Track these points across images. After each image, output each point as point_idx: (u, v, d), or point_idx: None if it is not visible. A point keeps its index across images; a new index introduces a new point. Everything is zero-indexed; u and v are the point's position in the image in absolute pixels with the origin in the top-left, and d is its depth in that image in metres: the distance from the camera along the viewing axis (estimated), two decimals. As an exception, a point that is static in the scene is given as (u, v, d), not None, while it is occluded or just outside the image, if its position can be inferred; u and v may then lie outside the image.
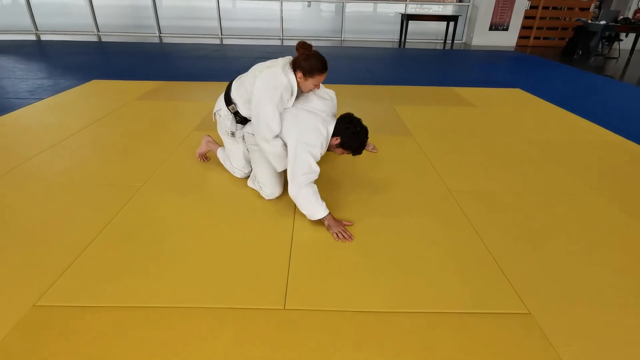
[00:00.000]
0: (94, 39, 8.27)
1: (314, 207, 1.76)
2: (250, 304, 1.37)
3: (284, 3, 8.75)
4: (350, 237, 1.73)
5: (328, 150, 1.90)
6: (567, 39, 8.13)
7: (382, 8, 9.17)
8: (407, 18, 8.39)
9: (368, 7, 9.16)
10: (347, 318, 1.32)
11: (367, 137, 1.86)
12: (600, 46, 7.65)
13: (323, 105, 1.95)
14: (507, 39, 8.79)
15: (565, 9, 8.71)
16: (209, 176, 2.32)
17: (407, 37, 8.74)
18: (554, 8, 8.66)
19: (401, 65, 6.42)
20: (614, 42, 7.88)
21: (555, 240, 1.79)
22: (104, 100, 3.76)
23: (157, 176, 2.28)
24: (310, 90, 1.90)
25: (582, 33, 7.49)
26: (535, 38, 8.92)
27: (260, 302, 1.38)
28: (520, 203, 2.10)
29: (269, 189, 2.02)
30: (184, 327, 1.27)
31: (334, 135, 1.84)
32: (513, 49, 8.42)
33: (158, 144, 2.74)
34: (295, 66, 1.83)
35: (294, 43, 1.98)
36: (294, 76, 1.83)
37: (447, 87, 4.67)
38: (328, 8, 9.08)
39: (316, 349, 1.20)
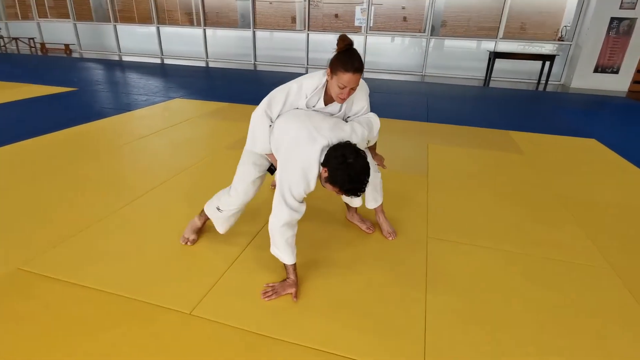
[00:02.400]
0: (203, 64, 9.63)
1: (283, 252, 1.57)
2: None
3: (368, 37, 9.07)
4: (269, 297, 1.57)
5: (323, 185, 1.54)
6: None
7: (470, 44, 8.86)
8: (494, 56, 7.96)
9: (454, 43, 8.94)
10: None
11: (365, 175, 1.45)
12: None
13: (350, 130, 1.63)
14: (617, 83, 7.69)
15: (702, 51, 7.32)
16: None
17: (498, 76, 8.26)
18: (684, 50, 7.34)
19: (467, 104, 6.09)
20: None
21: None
22: (176, 115, 4.41)
23: (185, 177, 2.61)
24: (338, 95, 1.57)
25: None
26: (657, 84, 7.63)
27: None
28: (502, 266, 1.88)
29: (235, 192, 1.79)
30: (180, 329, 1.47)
31: (323, 165, 1.48)
32: (624, 95, 7.33)
33: (193, 154, 3.13)
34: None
35: (377, 76, 2.05)
36: (324, 78, 1.62)
37: (504, 130, 4.31)
38: (411, 43, 9.11)
39: None
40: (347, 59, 1.49)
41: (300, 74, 1.76)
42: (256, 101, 1.73)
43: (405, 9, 9.50)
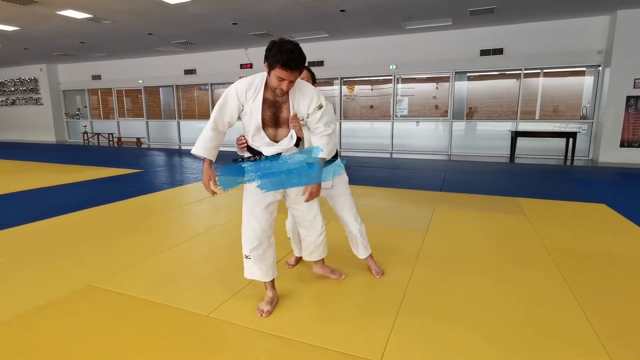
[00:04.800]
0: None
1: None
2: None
3: (395, 123, 9.99)
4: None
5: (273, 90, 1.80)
6: None
7: (491, 126, 9.44)
8: (515, 135, 8.43)
9: (477, 124, 9.58)
10: None
11: (296, 46, 1.69)
12: None
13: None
14: (648, 157, 7.72)
15: None
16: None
17: (525, 153, 8.67)
18: None
19: (484, 177, 6.44)
20: None
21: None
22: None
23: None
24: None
25: None
26: (691, 156, 7.57)
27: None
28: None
29: (245, 225, 1.97)
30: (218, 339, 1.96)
31: (265, 62, 1.76)
32: (657, 167, 7.31)
33: (223, 217, 3.76)
34: None
35: (404, 156, 2.65)
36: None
37: (513, 197, 4.60)
38: (438, 126, 9.87)
39: None
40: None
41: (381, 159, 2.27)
42: None
43: (436, 97, 10.54)
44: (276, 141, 1.91)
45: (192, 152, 1.94)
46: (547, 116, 9.11)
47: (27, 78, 14.19)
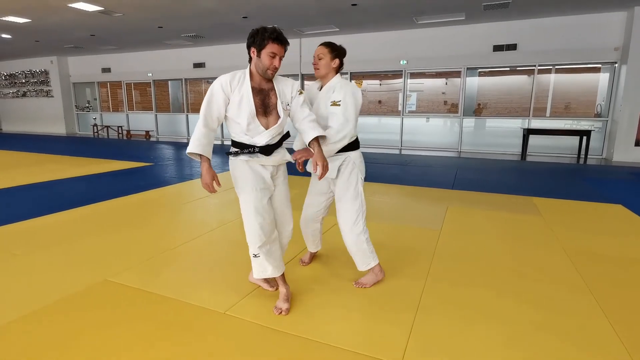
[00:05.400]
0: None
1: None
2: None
3: (404, 118, 9.90)
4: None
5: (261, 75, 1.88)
6: None
7: (502, 123, 9.32)
8: (527, 132, 8.31)
9: (487, 121, 9.46)
10: None
11: (275, 29, 1.82)
12: None
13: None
14: (663, 156, 7.57)
15: None
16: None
17: (537, 151, 8.55)
18: None
19: (496, 174, 6.35)
20: None
21: None
22: (228, 182, 5.18)
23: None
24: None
25: None
26: None
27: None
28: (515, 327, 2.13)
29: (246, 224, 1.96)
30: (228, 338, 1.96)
31: (249, 47, 1.88)
32: (673, 167, 7.17)
33: (234, 212, 3.75)
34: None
35: (414, 152, 2.45)
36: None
37: (528, 196, 4.53)
38: (448, 122, 9.77)
39: None
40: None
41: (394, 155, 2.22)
42: (295, 171, 2.33)
43: (445, 93, 10.44)
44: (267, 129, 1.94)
45: (187, 152, 1.90)
46: (560, 113, 8.97)
47: (37, 70, 14.26)
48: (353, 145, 2.19)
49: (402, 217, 3.71)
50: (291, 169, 2.30)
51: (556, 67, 8.61)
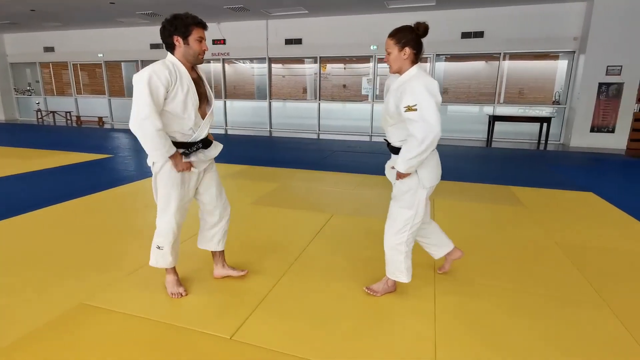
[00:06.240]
0: (222, 132, 10.43)
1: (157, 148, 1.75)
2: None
3: (375, 104, 9.85)
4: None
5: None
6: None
7: (471, 109, 9.54)
8: (493, 119, 8.54)
9: (457, 108, 9.64)
10: None
11: (191, 14, 1.82)
12: None
13: None
14: (615, 142, 8.08)
15: (692, 111, 7.77)
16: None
17: (500, 137, 8.82)
18: (675, 111, 7.81)
19: (470, 162, 6.49)
20: None
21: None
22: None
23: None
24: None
25: None
26: (655, 142, 8.00)
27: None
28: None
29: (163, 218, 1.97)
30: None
31: (171, 35, 1.81)
32: (622, 153, 7.68)
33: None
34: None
35: (381, 139, 2.18)
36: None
37: (506, 185, 4.62)
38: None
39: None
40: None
41: (312, 140, 2.14)
42: (273, 163, 2.12)
43: None
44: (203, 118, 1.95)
45: (152, 161, 1.85)
46: (519, 100, 9.30)
47: (-34, 48, 12.67)
48: None
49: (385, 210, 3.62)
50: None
51: (519, 54, 8.86)
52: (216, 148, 2.08)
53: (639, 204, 3.94)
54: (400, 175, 1.92)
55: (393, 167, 1.98)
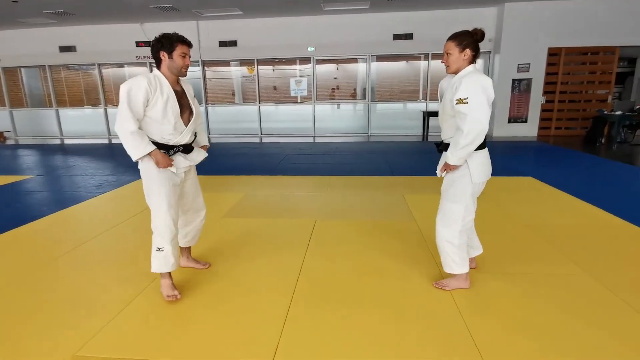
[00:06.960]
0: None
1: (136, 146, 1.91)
2: None
3: (315, 105, 9.94)
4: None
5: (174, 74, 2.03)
6: (588, 128, 8.41)
7: (406, 106, 10.12)
8: (427, 115, 9.16)
9: (393, 106, 10.15)
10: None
11: (178, 34, 2.01)
12: (623, 134, 7.83)
13: None
14: (528, 130, 9.20)
15: (583, 101, 9.14)
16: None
17: (436, 132, 9.50)
18: (571, 101, 9.12)
19: (416, 156, 6.90)
20: (636, 130, 8.04)
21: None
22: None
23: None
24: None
25: (601, 122, 7.78)
26: (556, 128, 9.27)
27: None
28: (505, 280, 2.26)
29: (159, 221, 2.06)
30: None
31: (159, 51, 1.99)
32: (535, 139, 8.76)
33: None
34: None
35: (325, 140, 2.27)
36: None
37: (459, 176, 4.98)
38: (356, 107, 10.16)
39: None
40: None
41: (254, 144, 2.18)
42: (218, 171, 2.09)
43: (337, 79, 10.68)
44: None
45: (135, 159, 1.96)
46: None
47: None
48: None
49: (371, 210, 3.70)
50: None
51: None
52: (199, 154, 2.25)
53: (571, 183, 4.54)
54: (448, 167, 2.03)
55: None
